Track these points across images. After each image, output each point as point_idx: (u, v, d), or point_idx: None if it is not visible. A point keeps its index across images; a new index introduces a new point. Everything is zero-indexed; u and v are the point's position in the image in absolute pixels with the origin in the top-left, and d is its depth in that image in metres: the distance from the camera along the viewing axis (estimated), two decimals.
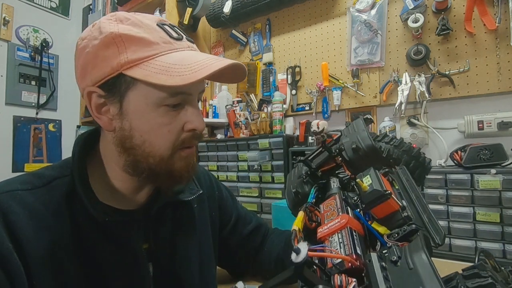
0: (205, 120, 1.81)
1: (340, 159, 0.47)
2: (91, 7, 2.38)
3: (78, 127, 2.40)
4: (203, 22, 1.89)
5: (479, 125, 1.13)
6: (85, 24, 2.41)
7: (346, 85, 1.47)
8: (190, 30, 1.82)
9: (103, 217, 0.45)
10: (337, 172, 0.52)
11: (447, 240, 1.04)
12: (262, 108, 1.73)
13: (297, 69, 1.64)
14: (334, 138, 0.52)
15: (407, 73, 1.29)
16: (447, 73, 1.23)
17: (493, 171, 0.95)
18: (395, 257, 0.26)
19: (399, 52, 1.35)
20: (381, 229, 0.33)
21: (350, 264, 0.28)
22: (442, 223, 1.05)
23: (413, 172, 0.45)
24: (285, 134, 1.53)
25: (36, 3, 2.22)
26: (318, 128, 1.37)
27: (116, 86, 0.44)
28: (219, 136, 1.79)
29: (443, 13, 1.23)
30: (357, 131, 0.47)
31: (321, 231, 0.34)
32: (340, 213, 0.36)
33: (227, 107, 1.78)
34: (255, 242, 0.73)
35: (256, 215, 0.79)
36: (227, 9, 1.70)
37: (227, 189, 0.76)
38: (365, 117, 0.52)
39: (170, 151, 0.46)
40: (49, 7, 2.30)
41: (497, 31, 1.14)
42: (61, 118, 2.32)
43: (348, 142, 0.46)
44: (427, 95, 1.23)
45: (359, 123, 0.49)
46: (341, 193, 0.42)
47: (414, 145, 1.33)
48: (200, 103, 1.79)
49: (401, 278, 0.24)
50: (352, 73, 1.45)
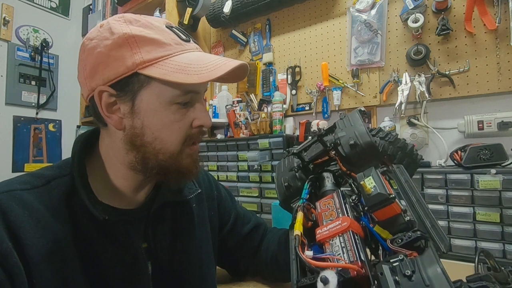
0: None
1: (334, 153, 0.46)
2: (91, 7, 2.38)
3: (78, 127, 2.39)
4: (203, 22, 1.89)
5: (479, 125, 1.13)
6: (85, 24, 2.41)
7: (346, 85, 1.47)
8: (190, 30, 1.82)
9: (103, 216, 0.45)
10: (329, 165, 0.51)
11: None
12: (262, 108, 1.73)
13: (297, 69, 1.64)
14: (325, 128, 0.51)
15: (407, 73, 1.29)
16: (447, 73, 1.23)
17: (493, 171, 0.95)
18: (409, 271, 0.25)
19: (399, 52, 1.35)
20: (384, 234, 0.32)
21: (355, 272, 0.27)
22: (442, 223, 1.05)
23: (406, 168, 0.45)
24: (285, 134, 1.52)
25: (36, 3, 2.22)
26: (318, 128, 1.37)
27: (129, 85, 0.45)
28: (219, 136, 1.79)
29: (443, 13, 1.22)
30: (354, 126, 0.45)
31: (321, 233, 0.33)
32: (340, 215, 0.35)
33: (227, 107, 1.78)
34: (254, 241, 0.73)
35: (255, 215, 0.79)
36: (227, 9, 1.70)
37: (226, 189, 0.77)
38: (360, 109, 0.50)
39: (179, 147, 0.49)
40: (49, 7, 2.30)
41: (497, 31, 1.14)
42: (61, 118, 2.32)
43: (345, 137, 0.44)
44: (427, 95, 1.23)
45: (355, 116, 0.47)
46: (339, 192, 0.41)
47: (415, 144, 1.33)
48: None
49: None
50: (352, 73, 1.45)
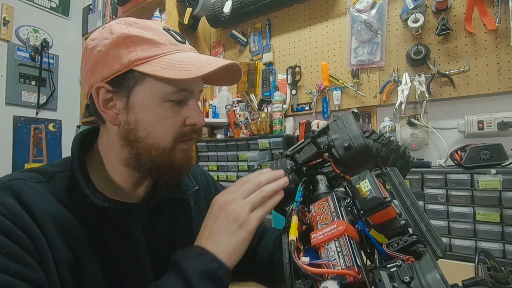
0: (205, 120, 1.81)
1: (327, 155, 0.46)
2: (91, 7, 2.37)
3: (78, 127, 2.39)
4: (203, 22, 1.89)
5: (479, 125, 1.13)
6: (85, 24, 2.40)
7: (346, 85, 1.47)
8: (190, 30, 1.82)
9: (103, 203, 0.47)
10: (322, 167, 0.51)
11: (447, 240, 1.04)
12: (262, 108, 1.73)
13: (297, 69, 1.64)
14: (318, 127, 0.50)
15: (407, 73, 1.29)
16: (447, 73, 1.23)
17: (493, 171, 0.95)
18: (408, 278, 0.24)
19: (399, 52, 1.35)
20: (379, 238, 0.32)
21: (352, 278, 0.27)
22: (442, 223, 1.05)
23: (399, 170, 0.44)
24: (285, 134, 1.53)
25: (36, 3, 2.22)
26: (318, 128, 1.37)
27: (124, 81, 0.47)
28: (219, 136, 1.79)
29: (443, 13, 1.22)
30: (348, 128, 0.45)
31: (316, 237, 0.33)
32: (335, 218, 0.35)
33: (227, 107, 1.78)
34: (252, 241, 0.73)
35: None
36: (227, 9, 1.70)
37: (224, 189, 0.77)
38: (353, 111, 0.50)
39: (171, 144, 0.50)
40: (49, 7, 2.30)
41: (497, 31, 1.14)
42: (61, 118, 2.32)
43: (339, 139, 0.44)
44: (427, 95, 1.23)
45: (349, 118, 0.47)
46: (333, 195, 0.41)
47: (414, 145, 1.31)
48: (200, 103, 1.80)
49: None
50: (352, 73, 1.45)
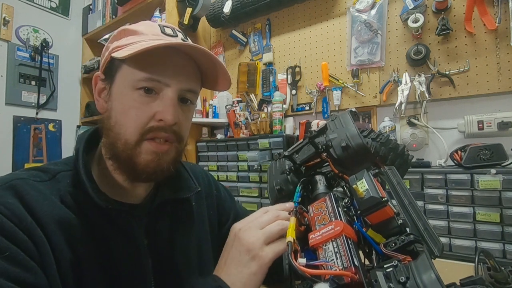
0: (205, 120, 1.82)
1: (325, 155, 0.46)
2: (91, 7, 2.37)
3: (78, 127, 2.39)
4: (203, 22, 1.89)
5: (479, 125, 1.13)
6: (85, 24, 2.40)
7: (346, 85, 1.47)
8: (190, 30, 1.82)
9: (106, 204, 0.47)
10: (321, 167, 0.51)
11: (447, 240, 1.04)
12: (262, 108, 1.73)
13: (297, 69, 1.64)
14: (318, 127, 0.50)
15: (407, 73, 1.29)
16: (447, 73, 1.23)
17: (493, 171, 0.95)
18: (403, 278, 0.24)
19: (399, 52, 1.35)
20: (377, 238, 0.32)
21: (349, 279, 0.27)
22: (442, 223, 1.05)
23: (397, 169, 0.44)
24: (285, 134, 1.53)
25: (36, 3, 2.22)
26: (318, 128, 1.37)
27: (110, 69, 0.50)
28: (219, 136, 1.79)
29: (443, 13, 1.22)
30: (346, 127, 0.45)
31: (314, 238, 0.33)
32: (333, 219, 0.35)
33: (227, 107, 1.78)
34: None
35: None
36: (227, 9, 1.70)
37: (225, 189, 0.77)
38: (351, 110, 0.50)
39: (135, 137, 0.47)
40: (49, 7, 2.30)
41: (497, 31, 1.14)
42: (61, 118, 2.32)
43: (336, 139, 0.44)
44: (427, 95, 1.23)
45: (347, 118, 0.47)
46: (331, 195, 0.40)
47: (414, 145, 1.31)
48: (200, 103, 1.79)
49: None
50: (352, 73, 1.45)
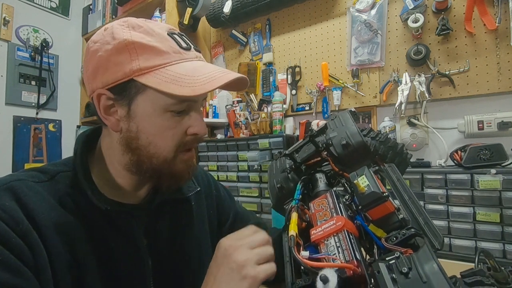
0: (205, 120, 1.81)
1: (326, 153, 0.46)
2: (91, 7, 2.37)
3: (78, 127, 2.39)
4: (203, 22, 1.89)
5: (479, 125, 1.13)
6: (85, 24, 2.41)
7: (346, 85, 1.47)
8: (190, 30, 1.82)
9: (105, 206, 0.47)
10: (321, 166, 0.51)
11: (447, 240, 1.04)
12: (262, 108, 1.73)
13: (297, 69, 1.64)
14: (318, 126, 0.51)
15: (407, 73, 1.29)
16: (447, 73, 1.23)
17: (493, 171, 0.95)
18: (406, 269, 0.24)
19: (399, 52, 1.35)
20: (378, 232, 0.32)
21: (352, 272, 0.27)
22: (442, 223, 1.05)
23: (397, 167, 0.45)
24: (285, 134, 1.53)
25: (36, 3, 2.22)
26: (318, 128, 1.37)
27: (126, 90, 0.46)
28: (219, 136, 1.79)
29: (443, 13, 1.22)
30: (346, 126, 0.46)
31: (315, 233, 0.34)
32: (334, 214, 0.35)
33: (227, 107, 1.78)
34: None
35: (254, 215, 0.79)
36: (227, 9, 1.70)
37: (225, 189, 0.77)
38: (351, 110, 0.50)
39: (173, 153, 0.49)
40: (49, 7, 2.30)
41: (497, 31, 1.14)
42: (61, 118, 2.32)
43: (336, 137, 0.45)
44: (427, 95, 1.23)
45: (346, 116, 0.48)
46: (332, 192, 0.41)
47: (414, 145, 1.32)
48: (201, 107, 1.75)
49: None
50: (352, 73, 1.45)
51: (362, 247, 0.33)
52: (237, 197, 1.54)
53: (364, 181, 0.34)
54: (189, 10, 1.70)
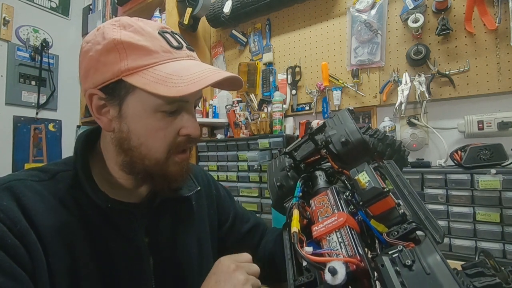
0: (205, 120, 1.81)
1: (325, 151, 0.47)
2: (91, 7, 2.38)
3: (78, 127, 2.39)
4: (203, 22, 1.89)
5: (479, 125, 1.13)
6: (85, 24, 2.41)
7: (346, 85, 1.47)
8: (190, 30, 1.82)
9: (105, 204, 0.47)
10: (320, 164, 0.51)
11: (447, 240, 1.04)
12: (262, 108, 1.73)
13: (297, 69, 1.64)
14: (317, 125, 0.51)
15: (407, 73, 1.29)
16: (447, 73, 1.23)
17: (493, 171, 0.95)
18: (409, 261, 0.25)
19: (399, 52, 1.35)
20: (379, 227, 0.32)
21: (355, 266, 0.27)
22: (442, 223, 1.05)
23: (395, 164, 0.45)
24: (285, 134, 1.52)
25: (36, 3, 2.22)
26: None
27: (116, 90, 0.46)
28: (219, 136, 1.79)
29: (443, 13, 1.22)
30: (345, 124, 0.46)
31: (317, 230, 0.34)
32: (335, 211, 0.35)
33: (227, 107, 1.78)
34: (253, 240, 0.73)
35: (254, 215, 0.79)
36: (227, 9, 1.70)
37: (224, 189, 0.78)
38: (349, 108, 0.51)
39: (165, 155, 0.48)
40: (49, 7, 2.30)
41: (497, 31, 1.14)
42: (61, 118, 2.32)
43: (336, 135, 0.45)
44: (427, 95, 1.23)
45: (345, 115, 0.48)
46: (333, 189, 0.41)
47: (414, 145, 1.31)
48: (200, 103, 1.80)
49: (418, 284, 0.23)
50: (352, 73, 1.45)
51: (365, 242, 0.33)
52: (237, 197, 1.54)
53: (364, 177, 0.35)
54: (189, 10, 1.70)
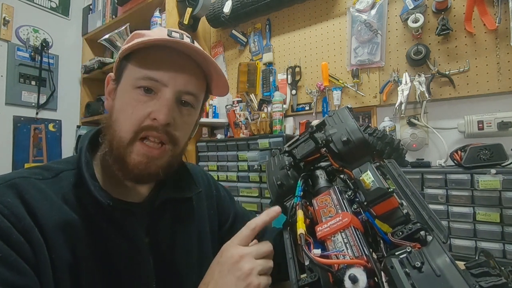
0: (205, 120, 1.81)
1: (325, 150, 0.47)
2: (91, 7, 2.37)
3: (78, 127, 2.39)
4: (203, 22, 1.89)
5: (479, 125, 1.13)
6: (85, 24, 2.40)
7: (346, 85, 1.47)
8: (190, 30, 1.82)
9: (108, 202, 0.47)
10: (320, 162, 0.51)
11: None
12: (262, 108, 1.73)
13: (297, 69, 1.64)
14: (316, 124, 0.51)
15: (407, 73, 1.29)
16: (447, 73, 1.23)
17: (493, 171, 0.95)
18: (419, 263, 0.25)
19: (399, 52, 1.35)
20: (383, 227, 0.32)
21: (362, 267, 0.27)
22: (442, 223, 1.05)
23: None
24: (285, 134, 1.53)
25: (36, 3, 2.22)
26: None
27: (118, 70, 0.53)
28: (219, 136, 1.79)
29: (443, 13, 1.22)
30: (345, 122, 0.46)
31: (321, 230, 0.34)
32: (339, 211, 0.35)
33: (227, 107, 1.78)
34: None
35: (254, 215, 0.79)
36: (227, 9, 1.70)
37: (224, 189, 0.78)
38: (348, 106, 0.51)
39: (129, 135, 0.48)
40: (49, 7, 2.30)
41: (497, 31, 1.14)
42: (61, 118, 2.32)
43: (336, 133, 0.45)
44: (427, 95, 1.23)
45: (345, 113, 0.48)
46: (336, 188, 0.41)
47: (414, 145, 1.32)
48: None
49: (429, 286, 0.23)
50: (352, 73, 1.45)
51: (369, 241, 0.33)
52: (237, 197, 1.54)
53: (369, 177, 0.35)
54: (189, 10, 1.70)
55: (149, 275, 0.52)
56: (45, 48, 2.21)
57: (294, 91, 1.64)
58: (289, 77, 1.66)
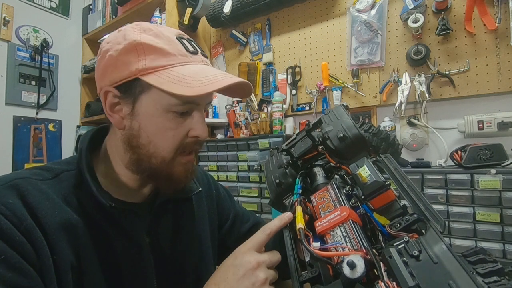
0: (205, 120, 1.81)
1: (322, 147, 0.47)
2: (91, 7, 2.37)
3: (78, 127, 2.39)
4: (203, 22, 1.89)
5: (479, 125, 1.13)
6: (85, 24, 2.40)
7: (346, 85, 1.47)
8: (190, 30, 1.82)
9: (109, 203, 0.47)
10: (317, 160, 0.52)
11: (447, 240, 1.04)
12: (262, 108, 1.73)
13: (297, 69, 1.64)
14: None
15: (407, 73, 1.29)
16: (447, 73, 1.23)
17: (493, 171, 0.95)
18: (416, 252, 0.25)
19: (399, 52, 1.35)
20: (382, 220, 0.33)
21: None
22: None
23: None
24: (285, 134, 1.53)
25: (36, 3, 2.22)
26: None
27: (131, 88, 0.48)
28: (219, 136, 1.79)
29: (443, 13, 1.23)
30: (341, 119, 0.47)
31: (321, 225, 0.34)
32: (337, 205, 0.36)
33: (227, 107, 1.78)
34: None
35: (254, 214, 0.80)
36: (227, 9, 1.70)
37: (224, 189, 0.78)
38: (343, 104, 0.52)
39: (172, 154, 0.49)
40: (49, 7, 2.30)
41: (497, 31, 1.14)
42: (61, 118, 2.32)
43: (333, 131, 0.46)
44: (427, 95, 1.23)
45: (341, 110, 0.49)
46: (333, 184, 0.42)
47: (414, 145, 1.32)
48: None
49: (426, 273, 0.24)
50: (352, 73, 1.45)
51: (368, 234, 0.34)
52: (237, 197, 1.54)
53: (365, 172, 0.35)
54: (189, 10, 1.70)
55: (150, 274, 0.52)
56: (45, 48, 2.21)
57: (294, 91, 1.64)
58: (289, 77, 1.66)
